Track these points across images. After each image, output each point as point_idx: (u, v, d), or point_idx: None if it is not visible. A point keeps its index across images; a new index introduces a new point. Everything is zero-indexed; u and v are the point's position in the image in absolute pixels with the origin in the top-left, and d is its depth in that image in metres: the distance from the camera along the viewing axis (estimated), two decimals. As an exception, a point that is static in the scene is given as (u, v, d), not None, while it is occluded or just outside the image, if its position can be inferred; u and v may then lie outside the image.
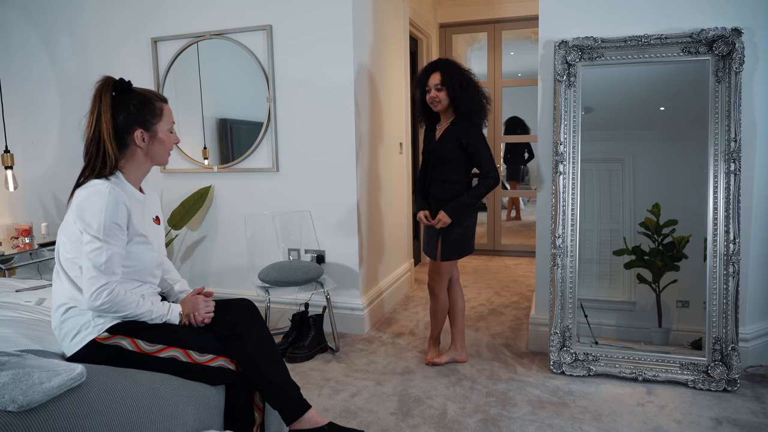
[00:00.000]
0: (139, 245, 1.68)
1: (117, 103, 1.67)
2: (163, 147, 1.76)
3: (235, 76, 3.47)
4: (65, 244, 1.65)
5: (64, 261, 1.66)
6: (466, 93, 2.65)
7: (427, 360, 2.86)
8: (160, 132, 1.73)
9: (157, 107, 1.72)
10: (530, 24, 5.11)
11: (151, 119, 1.71)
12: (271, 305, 3.35)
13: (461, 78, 2.66)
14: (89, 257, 1.57)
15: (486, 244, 5.59)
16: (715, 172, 2.53)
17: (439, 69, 2.68)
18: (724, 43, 2.47)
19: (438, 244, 2.73)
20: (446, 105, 2.69)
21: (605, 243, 2.84)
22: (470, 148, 2.65)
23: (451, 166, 2.69)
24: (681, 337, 2.70)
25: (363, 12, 3.33)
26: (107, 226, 1.57)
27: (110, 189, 1.59)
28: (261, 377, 1.71)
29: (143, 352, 1.64)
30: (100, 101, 1.65)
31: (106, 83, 1.67)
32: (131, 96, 1.69)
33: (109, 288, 1.58)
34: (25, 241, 3.67)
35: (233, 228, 3.58)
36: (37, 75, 3.90)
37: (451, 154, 2.68)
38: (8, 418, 1.21)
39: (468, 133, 2.64)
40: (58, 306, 1.67)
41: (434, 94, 2.68)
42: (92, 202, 1.58)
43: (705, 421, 2.24)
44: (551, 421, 2.27)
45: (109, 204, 1.58)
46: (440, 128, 2.77)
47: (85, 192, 1.61)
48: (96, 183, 1.61)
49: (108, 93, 1.66)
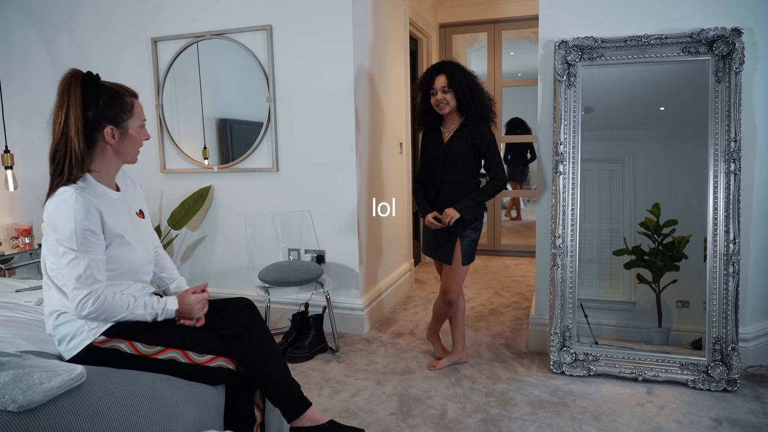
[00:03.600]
0: (119, 247, 1.63)
1: (86, 97, 1.58)
2: (133, 144, 1.68)
3: (235, 76, 3.47)
4: (47, 256, 1.61)
5: (50, 271, 1.63)
6: (475, 95, 2.63)
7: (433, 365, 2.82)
8: (131, 129, 1.65)
9: (128, 102, 1.64)
10: (530, 24, 5.10)
11: (121, 115, 1.63)
12: (271, 305, 3.35)
13: (468, 80, 2.64)
14: (67, 269, 1.54)
15: (486, 244, 5.59)
16: (715, 172, 2.53)
17: (444, 71, 2.64)
18: (724, 43, 2.47)
19: (456, 247, 2.66)
20: (453, 107, 2.66)
21: (605, 243, 2.83)
22: (482, 149, 2.64)
23: (465, 168, 2.67)
24: (681, 337, 2.70)
25: (363, 12, 3.33)
26: (79, 234, 1.52)
27: (76, 196, 1.53)
28: (261, 376, 1.71)
29: (142, 355, 1.63)
30: (69, 96, 1.55)
31: (74, 76, 1.58)
32: (100, 90, 1.60)
33: (93, 297, 1.55)
34: (25, 241, 3.67)
35: (233, 228, 3.58)
36: (37, 75, 3.90)
37: (465, 155, 2.65)
38: (8, 418, 1.21)
39: (483, 134, 2.63)
40: (50, 312, 1.65)
41: (441, 96, 2.63)
42: (60, 212, 1.53)
43: (705, 421, 2.24)
44: (551, 421, 2.27)
45: (78, 212, 1.52)
46: (448, 130, 2.72)
47: (53, 202, 1.56)
48: (62, 191, 1.55)
49: (77, 87, 1.57)
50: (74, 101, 1.56)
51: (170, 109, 3.62)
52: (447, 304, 2.77)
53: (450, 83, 2.62)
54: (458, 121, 2.71)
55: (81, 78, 1.59)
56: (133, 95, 1.69)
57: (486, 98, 2.68)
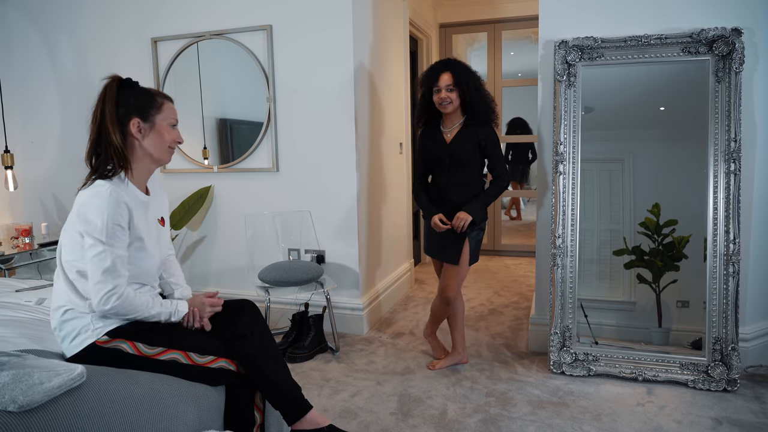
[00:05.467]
0: (138, 251, 1.66)
1: (120, 98, 1.65)
2: (161, 139, 1.70)
3: (235, 76, 3.47)
4: (66, 246, 1.64)
5: (65, 263, 1.65)
6: (480, 95, 2.61)
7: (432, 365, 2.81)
8: (158, 123, 1.68)
9: (158, 101, 1.69)
10: (530, 24, 5.11)
11: (149, 110, 1.67)
12: (271, 305, 3.35)
13: (474, 80, 2.61)
14: (93, 262, 1.55)
15: (486, 244, 5.58)
16: (715, 172, 2.53)
17: (450, 69, 2.60)
18: (724, 43, 2.47)
19: (464, 247, 2.64)
20: (456, 106, 2.63)
21: (605, 243, 2.84)
22: (488, 150, 2.63)
23: (470, 169, 2.65)
24: (681, 337, 2.70)
25: (363, 12, 3.33)
26: (109, 227, 1.55)
27: (111, 190, 1.57)
28: (263, 377, 1.71)
29: (143, 355, 1.63)
30: (105, 95, 1.63)
31: (113, 81, 1.66)
32: (135, 91, 1.68)
33: (117, 292, 1.56)
34: (25, 241, 3.67)
35: (233, 228, 3.58)
36: (37, 75, 3.90)
37: (470, 155, 2.62)
38: (8, 418, 1.21)
39: (488, 134, 2.62)
40: (56, 307, 1.66)
41: (445, 94, 2.59)
42: (93, 204, 1.56)
43: (705, 421, 2.24)
44: (551, 421, 2.27)
45: (110, 205, 1.56)
46: (450, 130, 2.69)
47: (86, 193, 1.59)
48: (97, 184, 1.60)
49: (113, 89, 1.64)
50: (110, 100, 1.63)
51: (170, 109, 3.62)
52: (445, 302, 2.76)
53: (456, 82, 2.58)
54: (460, 120, 2.68)
55: (119, 81, 1.66)
56: (166, 98, 1.73)
57: (489, 99, 2.67)
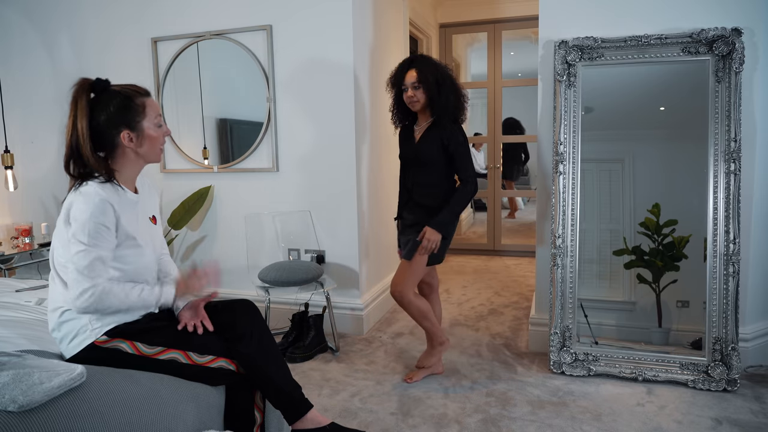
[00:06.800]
0: (130, 249, 1.66)
1: (95, 105, 1.61)
2: (154, 143, 1.70)
3: (235, 76, 3.47)
4: (57, 249, 1.63)
5: (58, 265, 1.64)
6: (442, 90, 2.48)
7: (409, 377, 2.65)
8: (147, 129, 1.67)
9: (139, 104, 1.65)
10: (530, 24, 5.11)
11: (135, 117, 1.64)
12: (271, 305, 3.35)
13: (437, 74, 2.48)
14: (73, 260, 1.56)
15: (486, 244, 5.59)
16: (715, 172, 2.53)
17: (414, 66, 2.52)
18: (724, 43, 2.47)
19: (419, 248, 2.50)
20: (424, 104, 2.52)
21: (605, 243, 2.83)
22: (451, 150, 2.49)
23: (436, 170, 2.54)
24: (681, 337, 2.70)
25: (363, 12, 3.32)
26: (92, 227, 1.55)
27: (97, 191, 1.57)
28: (263, 377, 1.71)
29: (143, 355, 1.63)
30: (77, 106, 1.60)
31: (82, 87, 1.61)
32: (110, 96, 1.63)
33: (91, 291, 1.56)
34: (25, 241, 3.67)
35: (233, 228, 3.58)
36: (36, 75, 3.89)
37: (434, 156, 2.51)
38: (8, 418, 1.21)
39: (451, 134, 2.48)
40: (54, 309, 1.66)
41: (411, 93, 2.50)
42: (78, 204, 1.57)
43: (705, 421, 2.24)
44: (551, 421, 2.27)
45: (96, 206, 1.55)
46: (419, 129, 2.60)
47: (73, 195, 1.60)
48: (84, 185, 1.60)
49: (84, 97, 1.60)
50: (81, 112, 1.60)
51: (170, 109, 3.62)
52: (395, 299, 2.57)
53: (420, 78, 2.48)
54: (429, 119, 2.57)
55: (88, 87, 1.62)
56: (144, 94, 1.69)
57: (457, 95, 2.52)
